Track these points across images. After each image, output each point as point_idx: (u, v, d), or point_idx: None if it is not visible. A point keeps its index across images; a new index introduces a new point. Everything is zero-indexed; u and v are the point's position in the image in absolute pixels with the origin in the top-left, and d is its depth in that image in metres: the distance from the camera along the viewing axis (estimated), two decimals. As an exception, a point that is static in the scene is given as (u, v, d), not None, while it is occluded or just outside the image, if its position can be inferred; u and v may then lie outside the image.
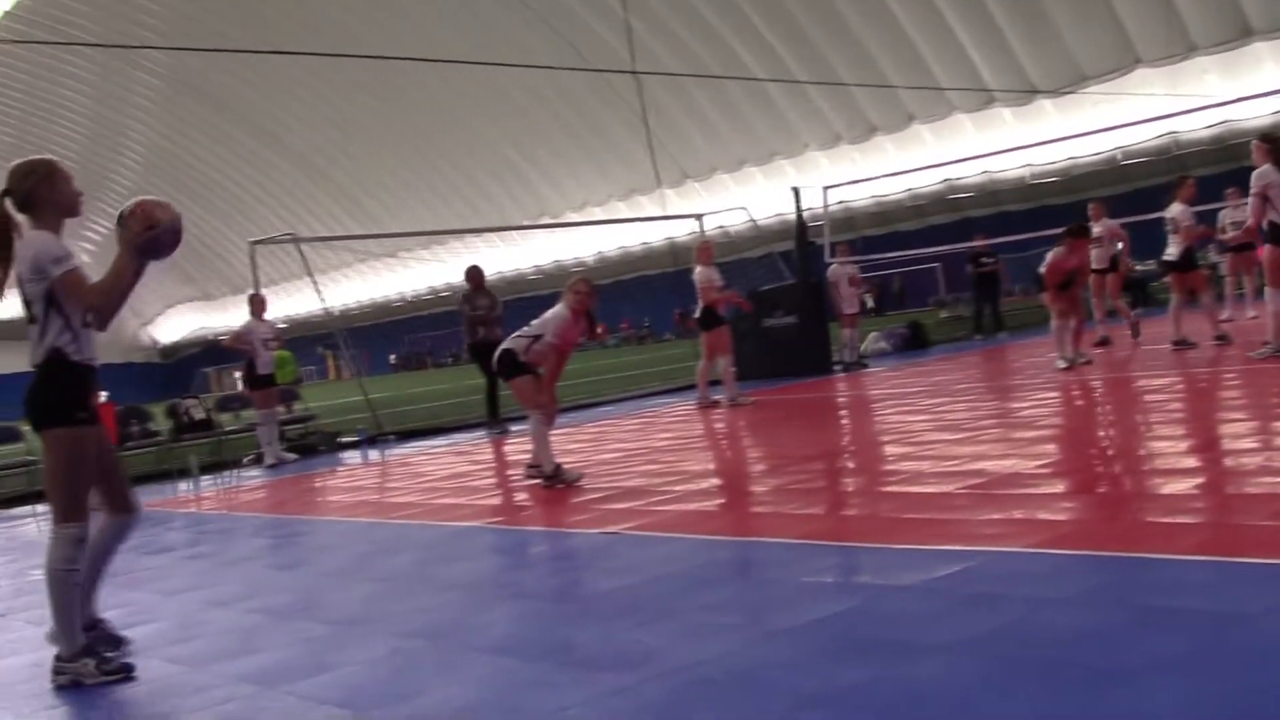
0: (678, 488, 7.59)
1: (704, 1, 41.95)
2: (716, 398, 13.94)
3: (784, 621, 4.07)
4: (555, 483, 8.26)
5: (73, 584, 4.43)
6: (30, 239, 4.30)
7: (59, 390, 4.34)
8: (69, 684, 4.40)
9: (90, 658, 4.41)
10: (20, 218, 4.35)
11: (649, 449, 10.29)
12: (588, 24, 43.79)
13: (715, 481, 8.06)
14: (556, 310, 8.50)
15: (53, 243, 4.30)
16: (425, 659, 4.20)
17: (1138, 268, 25.01)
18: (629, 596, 4.75)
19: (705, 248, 14.04)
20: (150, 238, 4.37)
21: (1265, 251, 10.97)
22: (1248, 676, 2.97)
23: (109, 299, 4.30)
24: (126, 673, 4.41)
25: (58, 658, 4.45)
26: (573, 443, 11.63)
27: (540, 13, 45.84)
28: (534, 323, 8.53)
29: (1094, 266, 14.90)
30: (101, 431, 4.57)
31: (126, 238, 4.35)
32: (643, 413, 14.78)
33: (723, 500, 7.21)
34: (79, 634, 4.44)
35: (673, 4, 42.35)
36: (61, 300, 4.29)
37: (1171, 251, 13.30)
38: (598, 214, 54.31)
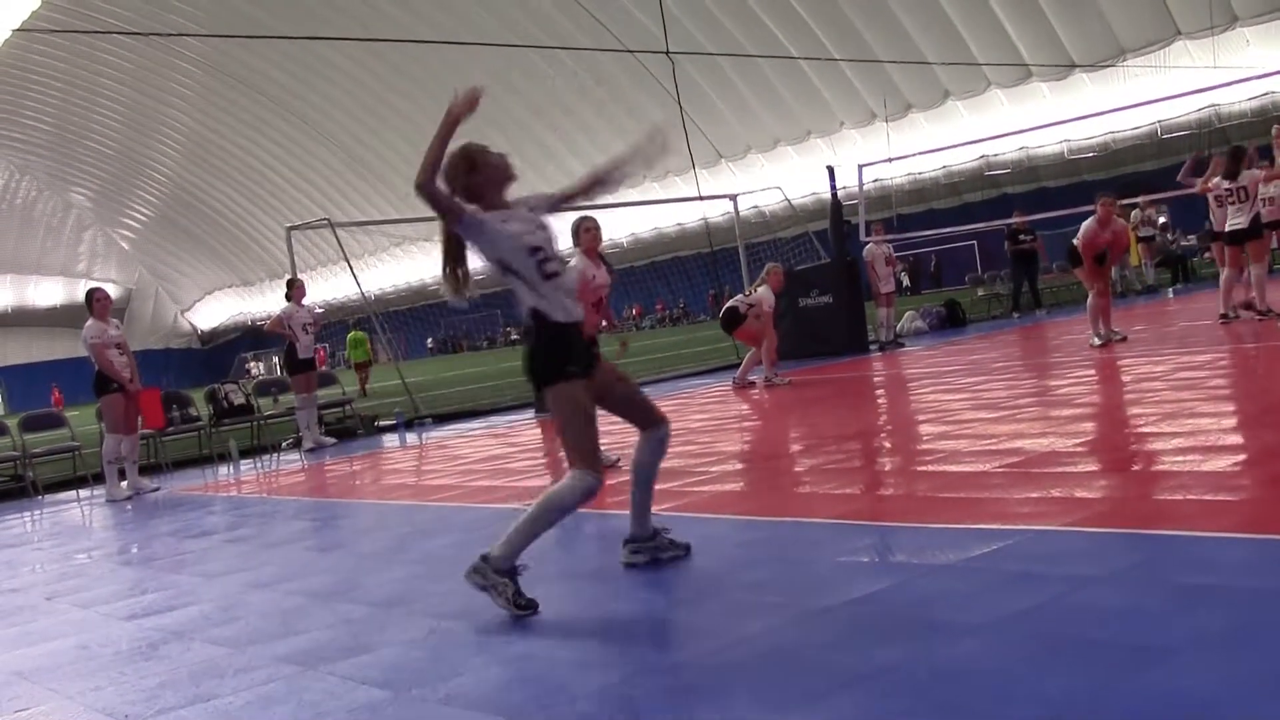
0: (714, 468, 7.60)
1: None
2: (753, 378, 13.93)
3: (822, 601, 4.08)
4: None
5: (552, 523, 4.55)
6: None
7: (544, 348, 4.53)
8: (480, 588, 4.45)
9: (513, 582, 4.42)
10: (472, 207, 4.54)
11: (685, 430, 10.30)
12: (622, 4, 43.66)
13: (752, 462, 8.06)
14: (570, 265, 8.42)
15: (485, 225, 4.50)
16: (464, 639, 4.24)
17: (1181, 243, 24.76)
18: (667, 577, 4.77)
19: (777, 275, 14.06)
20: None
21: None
22: (1289, 654, 2.95)
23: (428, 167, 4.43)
24: (533, 609, 4.38)
25: (485, 558, 4.45)
26: (607, 425, 11.64)
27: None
28: None
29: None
30: (604, 373, 4.79)
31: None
32: (678, 394, 14.78)
33: (760, 481, 7.21)
34: (518, 557, 4.46)
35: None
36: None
37: (1240, 220, 12.87)
38: (632, 195, 54.14)
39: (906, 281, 44.09)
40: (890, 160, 29.77)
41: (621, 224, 58.71)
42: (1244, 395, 8.08)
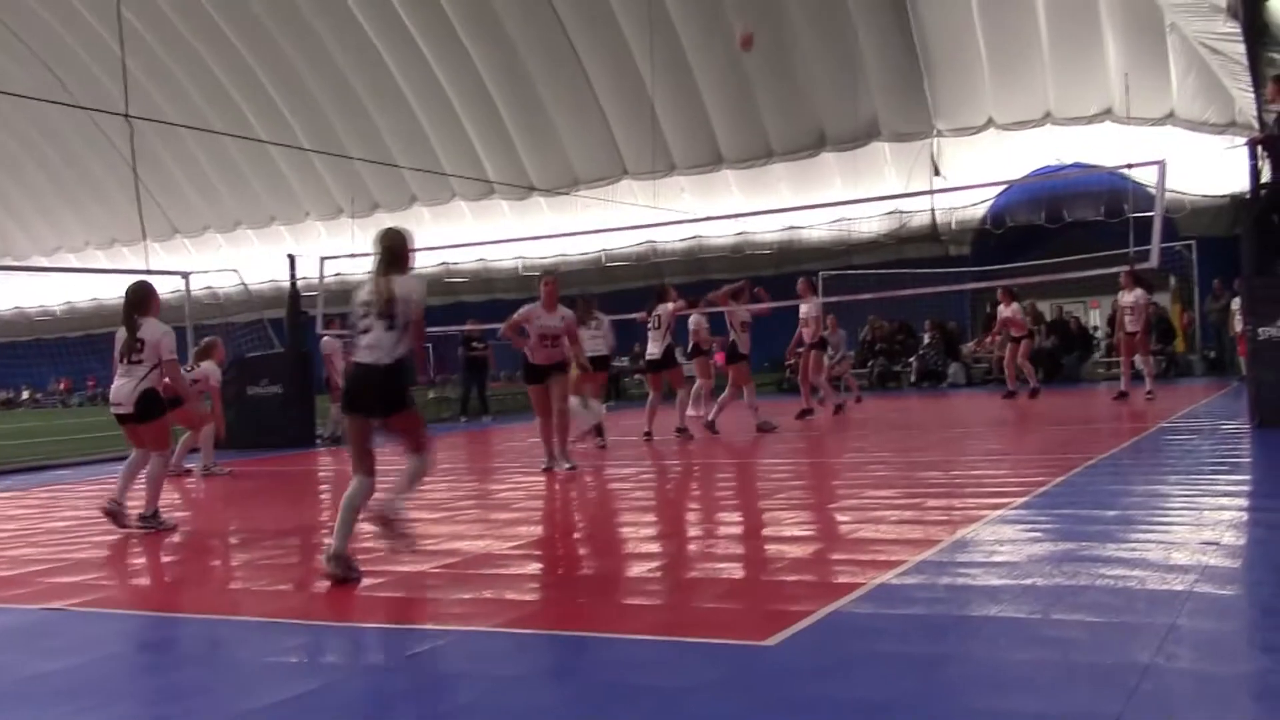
0: (136, 561, 7.08)
1: (211, 54, 40.39)
2: (189, 465, 13.17)
3: (244, 704, 3.89)
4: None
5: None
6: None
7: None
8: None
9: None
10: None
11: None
12: (79, 57, 40.79)
13: (178, 554, 7.60)
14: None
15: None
16: None
17: (615, 363, 26.70)
18: (72, 679, 4.35)
19: (220, 348, 13.51)
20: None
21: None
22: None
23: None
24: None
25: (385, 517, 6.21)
26: (18, 508, 10.55)
27: (24, 38, 42.20)
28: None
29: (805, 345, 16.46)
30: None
31: None
32: (105, 479, 13.66)
33: (186, 576, 6.81)
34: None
35: (176, 52, 40.47)
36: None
37: (654, 350, 14.34)
38: (71, 261, 50.15)
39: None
40: (353, 256, 29.84)
41: (57, 291, 54.18)
42: (661, 506, 8.79)
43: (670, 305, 14.37)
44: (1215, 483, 7.98)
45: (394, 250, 6.31)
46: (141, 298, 8.57)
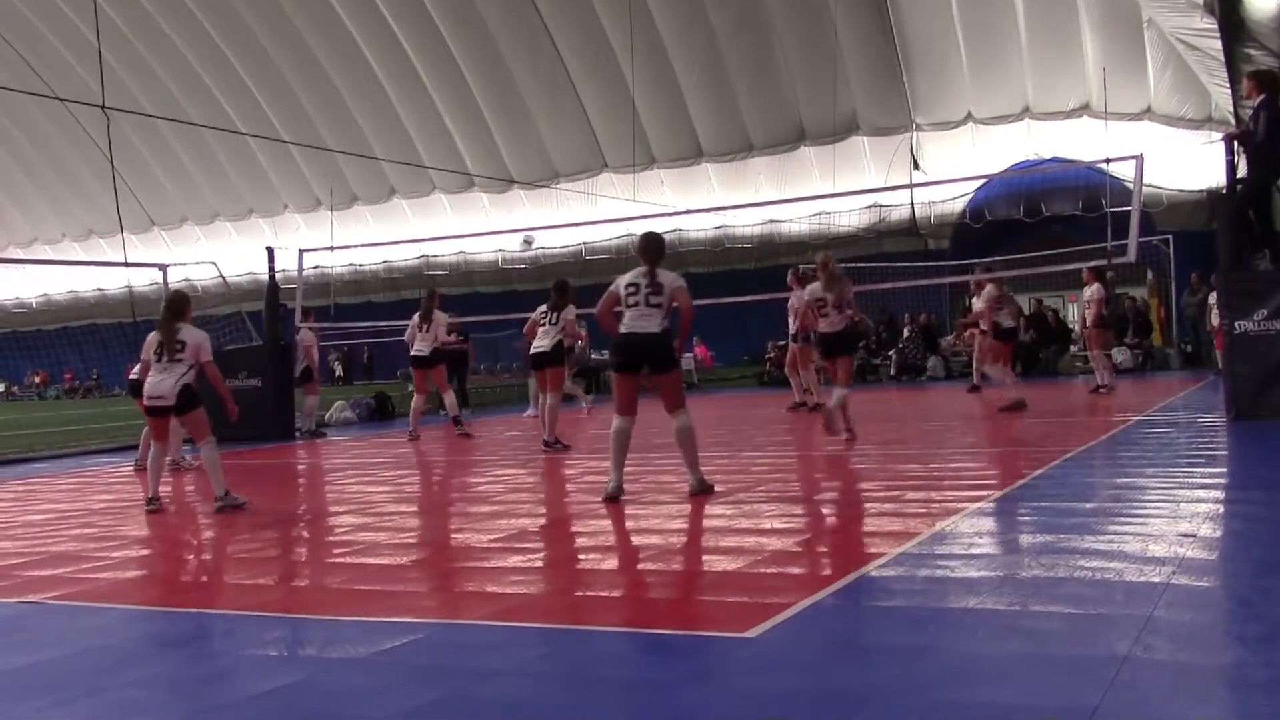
0: (114, 554, 7.04)
1: (188, 46, 40.18)
2: (169, 458, 13.08)
3: (222, 697, 3.88)
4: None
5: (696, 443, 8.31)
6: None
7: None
8: (704, 490, 8.09)
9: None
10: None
11: (85, 511, 9.49)
12: (55, 49, 40.49)
13: (156, 548, 7.56)
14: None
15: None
16: None
17: (594, 357, 26.68)
18: (49, 672, 4.32)
19: None
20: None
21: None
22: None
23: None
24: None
25: (699, 481, 8.16)
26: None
27: (-1, 29, 41.89)
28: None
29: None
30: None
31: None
32: (82, 472, 13.61)
33: (166, 569, 6.77)
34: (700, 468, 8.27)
35: (153, 44, 40.22)
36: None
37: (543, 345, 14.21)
38: (48, 253, 49.81)
39: (340, 371, 43.94)
40: (332, 249, 29.77)
41: (33, 283, 53.81)
42: (641, 499, 8.77)
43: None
44: (1192, 475, 8.03)
45: (659, 247, 8.38)
46: (181, 305, 9.48)
